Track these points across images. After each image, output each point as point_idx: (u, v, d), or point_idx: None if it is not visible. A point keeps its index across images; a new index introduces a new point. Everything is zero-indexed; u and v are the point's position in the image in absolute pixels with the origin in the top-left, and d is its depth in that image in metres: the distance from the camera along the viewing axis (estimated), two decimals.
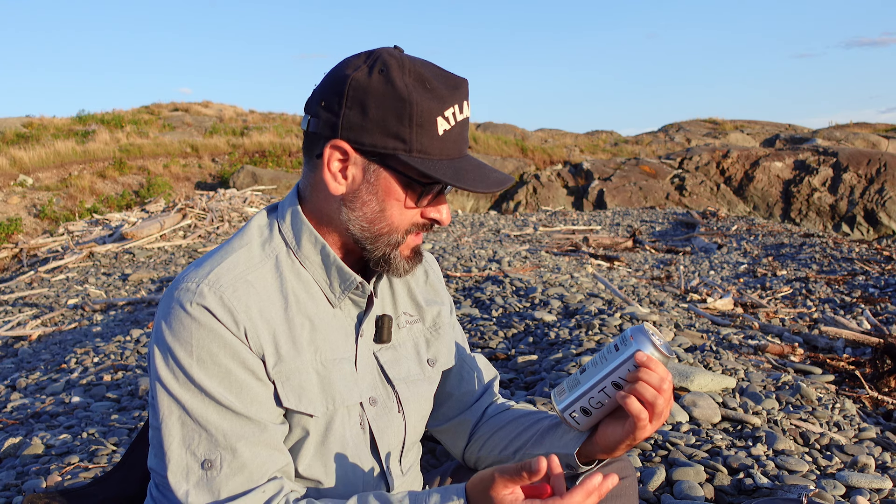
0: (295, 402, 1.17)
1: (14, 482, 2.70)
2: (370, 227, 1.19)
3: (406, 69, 1.14)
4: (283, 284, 1.21)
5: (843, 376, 4.56)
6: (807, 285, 8.06)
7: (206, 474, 1.10)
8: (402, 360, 1.34)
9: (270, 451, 1.14)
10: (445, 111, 1.14)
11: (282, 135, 24.02)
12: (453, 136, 1.16)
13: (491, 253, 8.38)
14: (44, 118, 24.95)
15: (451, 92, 1.16)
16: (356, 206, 1.19)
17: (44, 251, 11.86)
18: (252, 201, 14.65)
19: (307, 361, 1.20)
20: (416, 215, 1.21)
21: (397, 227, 1.20)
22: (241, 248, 1.21)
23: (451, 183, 1.14)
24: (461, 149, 1.19)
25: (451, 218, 9.15)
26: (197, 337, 1.11)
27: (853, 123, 30.84)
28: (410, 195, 1.18)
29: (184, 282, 1.15)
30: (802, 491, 2.15)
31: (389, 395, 1.31)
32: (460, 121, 1.17)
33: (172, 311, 1.13)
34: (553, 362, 3.81)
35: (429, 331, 1.40)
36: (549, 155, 24.15)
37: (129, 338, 5.49)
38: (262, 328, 1.15)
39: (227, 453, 1.10)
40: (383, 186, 1.17)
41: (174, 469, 1.10)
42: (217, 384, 1.11)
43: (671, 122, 32.73)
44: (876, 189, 20.40)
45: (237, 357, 1.13)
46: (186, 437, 1.11)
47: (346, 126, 1.15)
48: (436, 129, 1.14)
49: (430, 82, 1.14)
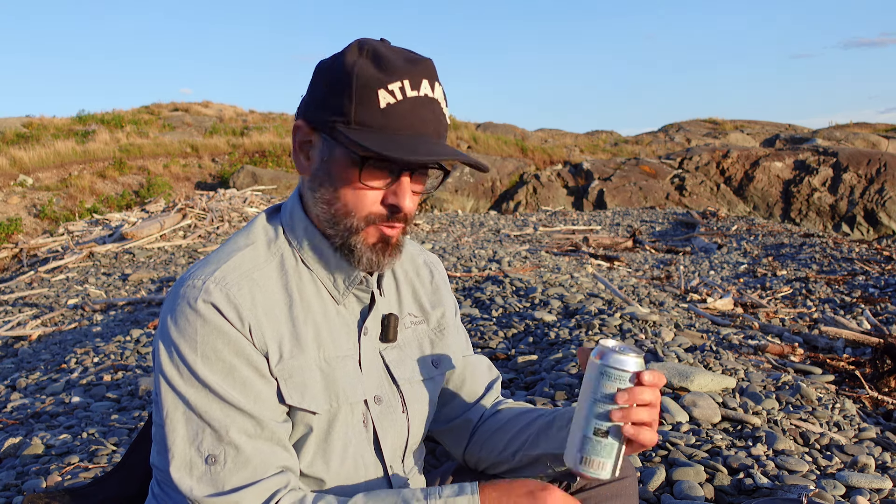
0: (298, 399, 1.17)
1: (14, 482, 2.70)
2: (328, 209, 1.19)
3: (365, 49, 1.14)
4: (287, 282, 1.21)
5: (843, 376, 4.56)
6: (807, 285, 8.06)
7: (209, 469, 1.10)
8: (406, 360, 1.34)
9: (274, 447, 1.14)
10: (390, 84, 1.11)
11: (282, 135, 24.02)
12: (401, 112, 1.12)
13: (491, 253, 8.38)
14: (44, 118, 24.95)
15: (403, 67, 1.13)
16: (316, 187, 1.20)
17: (44, 251, 11.86)
18: (252, 201, 14.65)
19: (311, 359, 1.20)
20: (374, 201, 1.17)
21: (353, 209, 1.17)
22: (247, 248, 1.22)
23: (376, 150, 1.09)
24: (414, 127, 1.13)
25: (454, 219, 9.08)
26: (202, 333, 1.11)
27: (853, 123, 30.84)
28: (354, 171, 1.15)
29: (190, 279, 1.16)
30: (802, 491, 2.15)
31: (394, 395, 1.31)
32: (412, 97, 1.13)
33: (178, 307, 1.14)
34: (553, 362, 3.80)
35: (433, 332, 1.40)
36: (549, 155, 24.14)
37: (129, 338, 5.48)
38: (266, 326, 1.16)
39: (231, 449, 1.10)
40: (334, 164, 1.16)
41: (178, 465, 1.10)
42: (221, 380, 1.11)
43: (671, 122, 32.72)
44: (876, 189, 20.39)
45: (241, 354, 1.13)
46: (190, 432, 1.11)
47: (305, 106, 1.19)
48: (376, 102, 1.11)
49: (383, 59, 1.13)
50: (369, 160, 1.13)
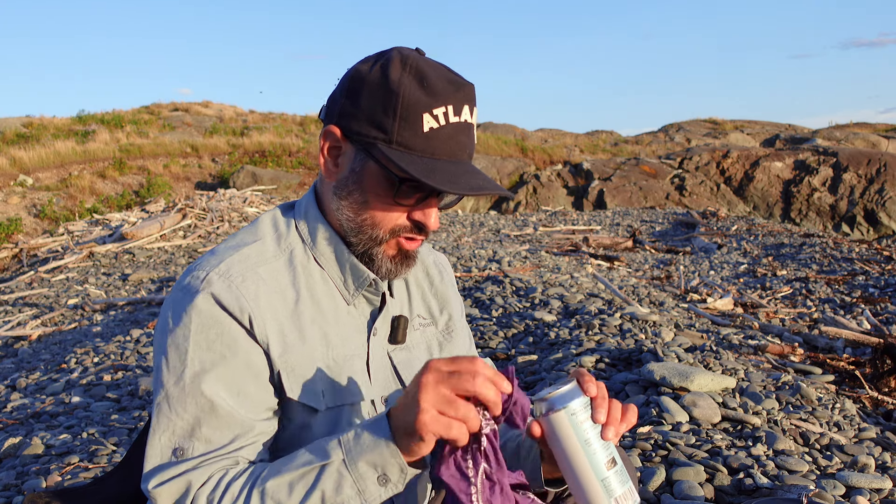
0: (298, 393, 1.17)
1: (14, 482, 2.70)
2: (354, 218, 1.20)
3: (408, 65, 1.14)
4: (295, 279, 1.22)
5: (843, 376, 4.56)
6: (807, 285, 8.06)
7: (175, 461, 1.10)
8: (414, 361, 1.34)
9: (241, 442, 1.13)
10: (435, 109, 1.12)
11: (282, 135, 24.03)
12: (442, 137, 1.13)
13: (491, 253, 8.38)
14: (44, 118, 24.95)
15: (448, 92, 1.14)
16: (344, 195, 1.20)
17: (44, 251, 11.86)
18: (252, 201, 14.65)
19: (318, 356, 1.20)
20: (401, 216, 1.19)
21: (380, 222, 1.19)
22: (255, 243, 1.23)
23: (418, 178, 1.10)
24: (453, 152, 1.15)
25: (454, 219, 9.14)
26: (197, 323, 1.12)
27: (853, 123, 30.84)
28: (389, 189, 1.16)
29: (195, 269, 1.17)
30: (802, 491, 2.15)
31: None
32: (454, 123, 1.14)
33: (180, 297, 1.15)
34: (553, 362, 3.80)
35: (441, 334, 1.41)
36: (549, 155, 24.14)
37: (129, 338, 5.48)
38: (268, 318, 1.16)
39: (200, 443, 1.10)
40: (367, 177, 1.17)
41: (151, 453, 1.12)
42: (209, 371, 1.12)
43: (671, 122, 32.72)
44: (876, 189, 20.39)
45: (235, 347, 1.14)
46: (165, 423, 1.11)
47: (340, 113, 1.18)
48: (420, 125, 1.12)
49: (427, 80, 1.13)
50: (407, 181, 1.14)
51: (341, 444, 1.04)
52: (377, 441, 1.01)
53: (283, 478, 1.05)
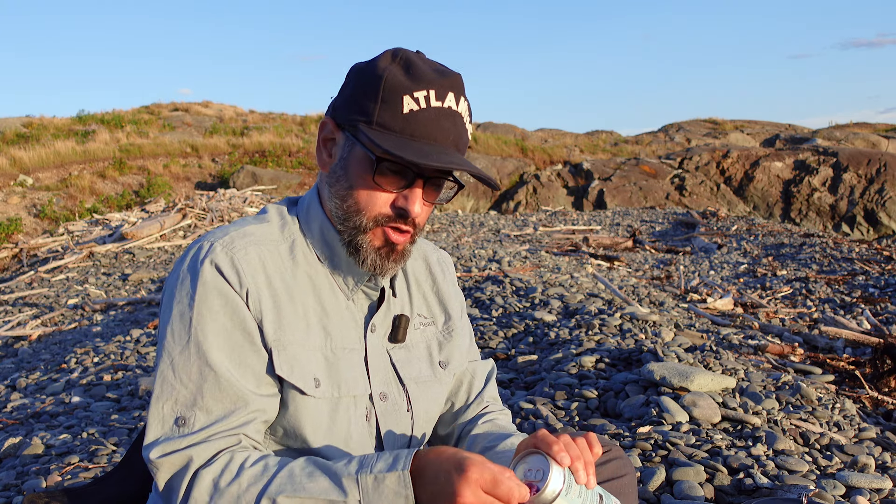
0: (287, 372, 1.18)
1: (14, 482, 2.70)
2: (341, 205, 1.21)
3: (399, 57, 1.17)
4: (296, 267, 1.24)
5: (843, 376, 4.56)
6: (807, 285, 8.06)
7: (178, 430, 1.12)
8: (413, 360, 1.34)
9: (241, 415, 1.14)
10: (416, 92, 1.14)
11: (282, 135, 24.02)
12: (421, 119, 1.14)
13: (491, 253, 8.38)
14: (44, 118, 24.94)
15: (431, 77, 1.15)
16: (333, 182, 1.23)
17: (44, 251, 11.86)
18: (252, 201, 14.65)
19: (315, 344, 1.21)
20: (385, 203, 1.19)
21: (363, 208, 1.19)
22: (261, 225, 1.26)
23: (389, 150, 1.11)
24: (433, 135, 1.15)
25: (454, 219, 9.12)
26: (201, 293, 1.14)
27: (853, 123, 30.83)
28: (369, 170, 1.17)
29: (201, 240, 1.21)
30: (802, 491, 2.15)
31: (400, 394, 1.31)
32: (436, 107, 1.15)
33: (184, 266, 1.18)
34: (553, 362, 3.80)
35: (441, 334, 1.41)
36: (549, 155, 24.14)
37: (129, 338, 5.48)
38: (265, 294, 1.18)
39: (202, 414, 1.12)
40: (352, 162, 1.19)
41: (151, 421, 1.13)
42: (213, 339, 1.13)
43: (671, 122, 32.71)
44: (876, 189, 20.39)
45: (236, 317, 1.15)
46: (168, 392, 1.13)
47: (335, 105, 1.23)
48: (400, 106, 1.14)
49: (413, 67, 1.16)
50: (384, 161, 1.15)
51: (359, 483, 1.05)
52: (397, 496, 1.03)
53: (295, 499, 1.05)
